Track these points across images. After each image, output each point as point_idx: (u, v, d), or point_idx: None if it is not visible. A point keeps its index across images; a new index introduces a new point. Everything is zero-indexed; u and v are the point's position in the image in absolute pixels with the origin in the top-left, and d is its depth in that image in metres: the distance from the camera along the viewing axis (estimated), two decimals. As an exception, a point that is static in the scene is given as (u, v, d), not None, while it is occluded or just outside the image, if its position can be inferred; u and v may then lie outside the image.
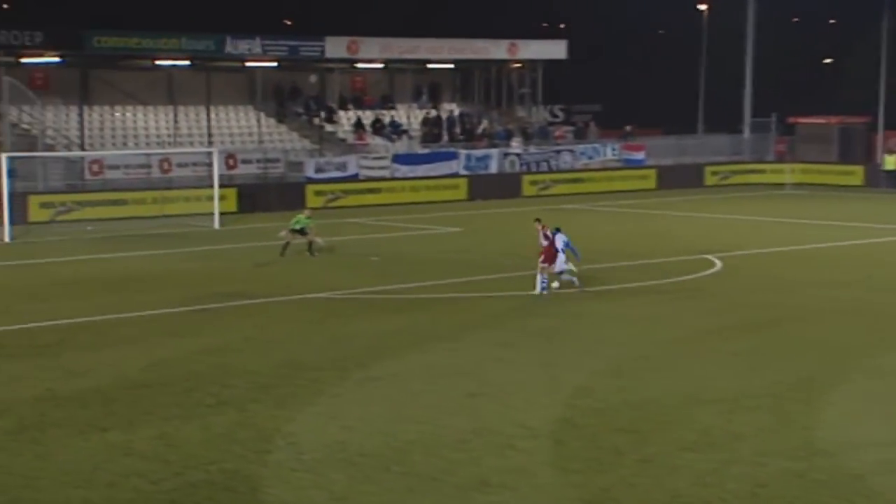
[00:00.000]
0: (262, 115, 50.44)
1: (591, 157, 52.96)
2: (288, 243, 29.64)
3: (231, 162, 44.55)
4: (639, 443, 14.10)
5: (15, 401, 15.92)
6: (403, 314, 22.55)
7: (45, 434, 14.39)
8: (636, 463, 13.36)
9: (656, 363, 18.36)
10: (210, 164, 40.11)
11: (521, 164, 50.79)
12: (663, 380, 17.24)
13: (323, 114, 51.33)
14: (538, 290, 24.01)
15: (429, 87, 56.30)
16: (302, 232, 29.76)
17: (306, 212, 30.73)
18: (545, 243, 24.50)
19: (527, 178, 50.13)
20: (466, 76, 57.11)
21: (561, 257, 24.19)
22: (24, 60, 44.59)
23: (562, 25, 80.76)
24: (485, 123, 55.45)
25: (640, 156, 54.01)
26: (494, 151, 50.51)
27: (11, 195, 34.73)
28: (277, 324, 21.55)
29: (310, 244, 29.84)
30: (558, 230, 24.70)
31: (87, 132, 44.94)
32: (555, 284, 24.43)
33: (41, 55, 44.48)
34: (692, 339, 20.21)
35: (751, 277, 26.96)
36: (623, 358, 18.69)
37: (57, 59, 45.44)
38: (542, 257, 24.31)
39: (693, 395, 16.34)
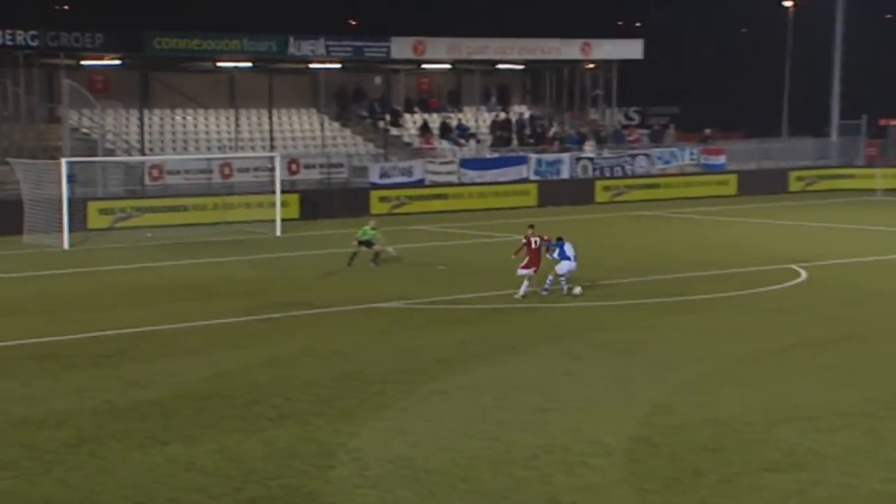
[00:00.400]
0: (326, 118, 50.87)
1: (667, 162, 52.60)
2: (356, 254, 29.84)
3: (293, 167, 44.96)
4: (720, 462, 13.94)
5: (74, 412, 16.20)
6: (471, 325, 22.55)
7: (103, 447, 14.61)
8: (717, 483, 13.21)
9: (738, 378, 18.15)
10: (272, 170, 40.52)
11: (594, 169, 50.60)
12: (746, 396, 17.03)
13: (388, 117, 51.62)
14: (521, 293, 24.98)
15: (498, 88, 56.35)
16: (368, 244, 29.92)
17: (372, 222, 30.87)
18: (536, 242, 25.44)
19: (600, 184, 49.93)
20: (537, 77, 57.07)
21: (571, 264, 25.23)
22: (84, 63, 45.45)
23: (637, 24, 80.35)
24: (556, 126, 55.34)
25: (720, 160, 53.51)
26: (566, 156, 50.37)
27: (71, 201, 35.34)
28: (341, 334, 21.67)
29: (375, 254, 30.00)
30: (561, 240, 25.72)
31: (147, 136, 45.67)
32: (577, 290, 25.24)
33: (101, 58, 45.31)
34: (776, 352, 19.95)
35: (838, 288, 26.55)
36: (702, 373, 18.50)
37: (117, 62, 46.25)
38: (525, 262, 25.26)
39: (777, 412, 16.12)
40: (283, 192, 39.67)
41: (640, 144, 54.33)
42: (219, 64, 48.09)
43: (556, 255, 25.40)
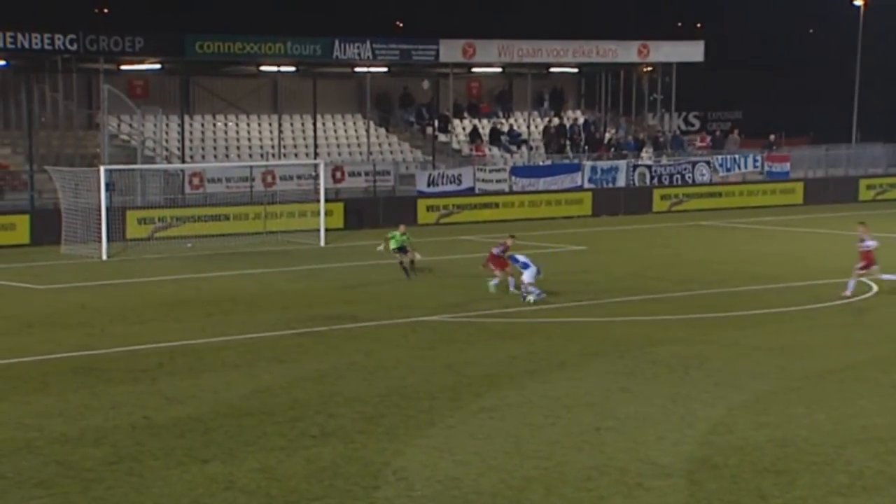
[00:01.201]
0: (371, 124, 51.08)
1: (729, 170, 52.26)
2: (402, 262, 30.01)
3: (338, 174, 45.18)
4: (785, 485, 13.82)
5: (111, 429, 16.37)
6: (521, 340, 22.53)
7: (141, 465, 14.75)
8: (780, 508, 13.10)
9: (803, 397, 17.98)
10: (316, 177, 40.72)
11: (652, 177, 50.36)
12: (811, 415, 16.87)
13: (436, 122, 51.72)
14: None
15: (551, 93, 56.30)
16: (402, 250, 30.07)
17: (402, 227, 31.07)
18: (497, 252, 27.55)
19: (658, 193, 49.68)
20: (592, 81, 56.93)
21: (533, 270, 26.57)
22: (123, 68, 45.98)
23: (698, 25, 79.94)
24: (612, 132, 55.15)
25: (784, 168, 53.07)
26: (622, 163, 50.19)
27: (109, 210, 35.69)
28: (386, 349, 21.74)
29: (410, 262, 30.20)
30: (512, 237, 28.27)
31: (187, 143, 46.09)
32: (531, 297, 26.23)
33: (141, 62, 45.81)
34: (845, 370, 19.74)
35: (911, 303, 26.22)
36: (765, 391, 18.35)
37: (157, 66, 46.73)
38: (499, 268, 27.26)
39: (845, 432, 15.96)
40: (327, 200, 39.84)
41: (701, 151, 54.01)
42: (262, 68, 48.47)
43: (519, 265, 26.88)
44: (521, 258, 27.05)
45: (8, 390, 18.58)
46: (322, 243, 38.36)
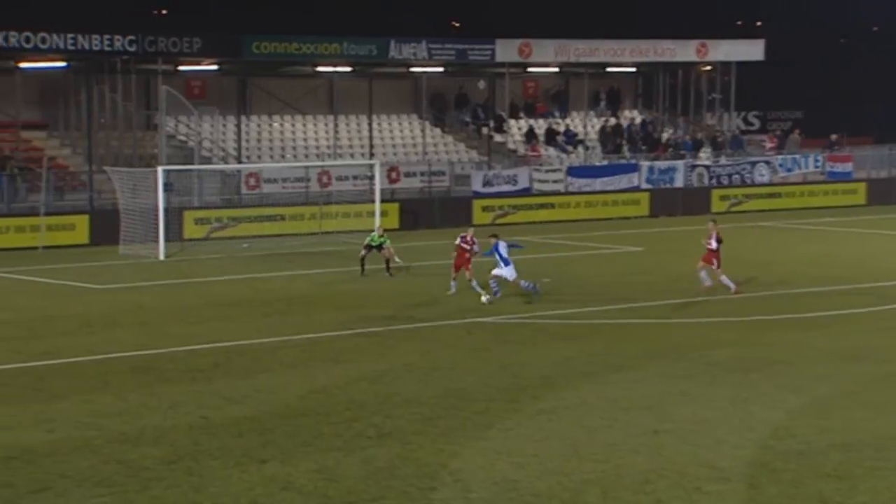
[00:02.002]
0: (427, 124, 51.17)
1: (789, 170, 51.77)
2: (364, 256, 30.95)
3: (393, 175, 45.32)
4: (847, 490, 13.69)
5: (169, 428, 16.56)
6: (578, 341, 22.48)
7: (199, 464, 14.90)
8: (842, 514, 12.98)
9: (866, 401, 17.78)
10: (371, 178, 40.88)
11: (710, 178, 50.02)
12: (875, 420, 16.69)
13: (492, 122, 51.71)
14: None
15: (608, 92, 56.07)
16: (379, 248, 31.00)
17: (379, 230, 32.07)
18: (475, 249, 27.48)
19: (716, 193, 49.34)
20: (649, 80, 56.61)
21: (509, 267, 26.54)
22: (181, 68, 46.41)
23: (758, 23, 79.20)
24: (669, 132, 54.85)
25: (846, 168, 52.46)
26: (680, 163, 49.91)
27: (166, 210, 36.07)
28: (442, 350, 21.79)
29: (386, 262, 30.89)
30: (495, 237, 27.14)
31: (244, 143, 46.45)
32: (484, 299, 26.18)
33: (199, 63, 46.22)
34: (908, 374, 19.50)
35: (977, 306, 25.85)
36: (827, 394, 18.17)
37: (214, 67, 47.13)
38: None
39: (909, 438, 15.77)
40: (382, 201, 39.97)
41: (758, 151, 53.53)
42: (318, 68, 48.70)
43: (495, 255, 26.69)
44: (503, 252, 26.68)
45: (68, 389, 18.86)
46: (378, 244, 38.46)
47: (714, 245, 27.10)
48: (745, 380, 19.11)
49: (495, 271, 26.80)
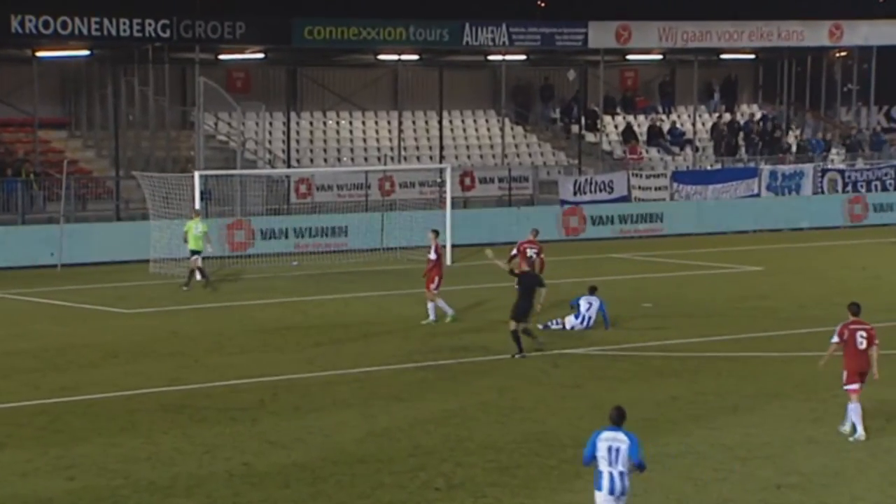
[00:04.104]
0: (507, 121, 51.27)
1: (940, 175, 51.13)
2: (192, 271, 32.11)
3: (467, 181, 45.44)
4: None
5: (205, 476, 16.71)
6: (684, 378, 22.38)
7: (240, 517, 15.06)
8: None
9: None
10: (441, 184, 41.01)
11: (845, 184, 49.61)
12: None
13: (583, 120, 51.70)
14: (430, 318, 27.31)
15: (722, 84, 55.85)
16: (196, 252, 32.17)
17: (196, 217, 32.98)
18: (433, 258, 27.80)
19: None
20: (772, 69, 56.29)
21: (576, 319, 26.60)
22: (222, 57, 46.93)
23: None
24: (796, 131, 54.43)
25: None
26: (808, 167, 49.56)
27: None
28: (523, 386, 21.78)
29: (199, 269, 32.08)
30: (594, 290, 26.98)
31: (293, 145, 46.83)
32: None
33: (242, 51, 46.72)
34: None
35: None
36: (984, 444, 17.90)
37: (260, 56, 47.60)
38: (434, 281, 27.52)
39: None
40: (453, 209, 40.07)
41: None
42: (380, 57, 49.04)
43: (578, 307, 26.70)
44: (591, 312, 26.63)
45: (91, 430, 19.12)
46: (448, 261, 38.55)
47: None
48: (886, 426, 18.93)
49: (567, 319, 26.72)
